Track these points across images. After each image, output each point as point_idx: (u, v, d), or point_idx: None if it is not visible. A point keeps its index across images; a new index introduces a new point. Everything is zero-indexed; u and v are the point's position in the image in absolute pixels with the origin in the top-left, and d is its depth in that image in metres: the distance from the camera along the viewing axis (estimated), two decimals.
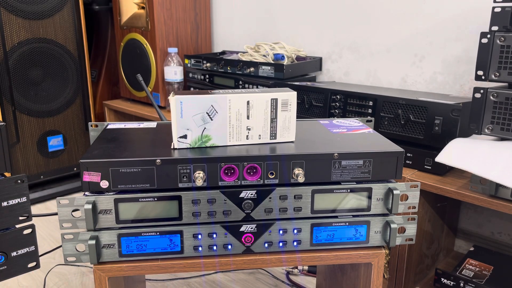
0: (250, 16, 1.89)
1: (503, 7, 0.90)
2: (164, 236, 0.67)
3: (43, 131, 1.79)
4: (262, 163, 0.66)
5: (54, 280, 1.25)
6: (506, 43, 0.90)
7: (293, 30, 1.73)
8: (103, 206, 0.64)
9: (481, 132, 0.95)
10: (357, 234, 0.71)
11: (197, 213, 0.66)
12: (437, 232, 1.19)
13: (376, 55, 1.48)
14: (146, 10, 1.79)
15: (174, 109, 0.66)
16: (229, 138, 0.70)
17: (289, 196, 0.68)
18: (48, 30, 1.73)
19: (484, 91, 0.93)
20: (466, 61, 1.27)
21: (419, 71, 1.38)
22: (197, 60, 1.75)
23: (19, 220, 0.71)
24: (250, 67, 1.54)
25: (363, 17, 1.50)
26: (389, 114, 1.13)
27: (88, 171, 0.63)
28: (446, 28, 1.30)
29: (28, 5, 1.65)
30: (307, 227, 0.69)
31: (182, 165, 0.65)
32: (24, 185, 0.70)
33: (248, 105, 0.69)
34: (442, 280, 1.08)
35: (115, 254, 0.66)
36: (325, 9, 1.60)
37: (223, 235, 0.68)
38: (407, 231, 0.72)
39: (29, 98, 1.72)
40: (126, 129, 0.81)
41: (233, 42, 1.98)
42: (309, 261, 0.71)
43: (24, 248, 0.73)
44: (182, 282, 1.24)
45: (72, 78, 1.84)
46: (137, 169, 0.64)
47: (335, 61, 1.61)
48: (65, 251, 0.65)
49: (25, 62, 1.68)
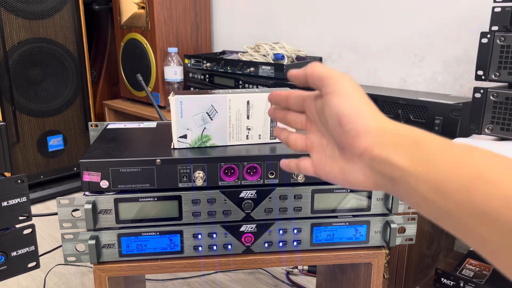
0: (250, 16, 1.89)
1: (503, 7, 0.90)
2: (164, 236, 0.67)
3: (43, 131, 1.79)
4: (262, 163, 0.66)
5: (54, 280, 1.25)
6: (506, 43, 0.90)
7: (293, 30, 1.73)
8: (103, 206, 0.64)
9: (481, 132, 0.95)
10: (357, 234, 0.71)
11: (197, 213, 0.66)
12: (437, 232, 1.19)
13: (376, 55, 1.48)
14: (146, 10, 1.79)
15: (174, 109, 0.66)
16: (229, 138, 0.70)
17: (289, 196, 0.68)
18: (48, 30, 1.73)
19: (484, 91, 0.93)
20: (466, 61, 1.27)
21: (419, 71, 1.38)
22: (197, 60, 1.75)
23: (19, 220, 0.71)
24: (250, 67, 1.54)
25: (363, 17, 1.50)
26: (389, 114, 1.13)
27: (88, 171, 0.63)
28: (446, 28, 1.30)
29: (28, 5, 1.65)
30: (307, 227, 0.69)
31: (182, 165, 0.65)
32: (24, 185, 0.70)
33: (248, 105, 0.69)
34: (442, 280, 1.08)
35: (115, 254, 0.66)
36: (325, 9, 1.60)
37: (223, 235, 0.68)
38: (407, 231, 0.72)
39: (29, 98, 1.72)
40: (126, 129, 0.81)
41: (233, 42, 1.98)
42: (309, 261, 0.71)
43: (24, 248, 0.73)
44: (182, 282, 1.24)
45: (72, 78, 1.84)
46: (137, 169, 0.64)
47: (335, 61, 1.61)
48: (65, 251, 0.65)
49: (25, 62, 1.68)
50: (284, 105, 0.50)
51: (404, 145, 0.36)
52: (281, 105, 0.51)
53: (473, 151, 0.34)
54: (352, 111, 0.40)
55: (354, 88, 0.41)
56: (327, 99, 0.42)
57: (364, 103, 0.41)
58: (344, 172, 0.42)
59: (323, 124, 0.45)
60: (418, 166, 0.35)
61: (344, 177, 0.42)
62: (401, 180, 0.36)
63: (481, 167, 0.32)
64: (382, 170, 0.38)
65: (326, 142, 0.45)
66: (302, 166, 0.48)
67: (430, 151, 0.35)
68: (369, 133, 0.39)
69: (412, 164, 0.35)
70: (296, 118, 0.49)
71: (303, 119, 0.48)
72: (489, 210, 0.30)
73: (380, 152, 0.38)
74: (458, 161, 0.33)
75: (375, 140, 0.38)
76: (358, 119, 0.39)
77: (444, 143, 0.36)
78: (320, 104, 0.44)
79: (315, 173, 0.47)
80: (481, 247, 0.32)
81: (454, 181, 0.32)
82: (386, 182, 0.38)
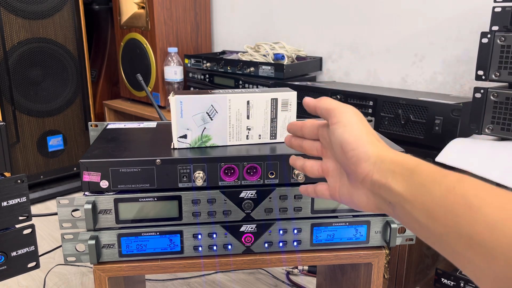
0: (250, 16, 1.89)
1: (503, 7, 0.90)
2: (164, 236, 0.67)
3: (43, 131, 1.79)
4: (262, 163, 0.66)
5: (54, 280, 1.25)
6: (507, 43, 0.89)
7: (293, 30, 1.73)
8: (103, 206, 0.64)
9: (482, 132, 0.95)
10: (357, 234, 0.71)
11: (197, 213, 0.66)
12: None
13: (376, 55, 1.48)
14: (146, 10, 1.79)
15: (174, 109, 0.66)
16: (229, 138, 0.70)
17: (289, 196, 0.68)
18: (48, 30, 1.72)
19: (484, 91, 0.93)
20: (466, 61, 1.27)
21: (419, 71, 1.38)
22: (197, 60, 1.75)
23: (19, 220, 0.71)
24: (250, 67, 1.54)
25: (363, 17, 1.50)
26: (389, 114, 1.12)
27: (88, 171, 0.63)
28: (446, 28, 1.30)
29: (28, 5, 1.65)
30: (307, 227, 0.69)
31: (182, 165, 0.64)
32: (24, 185, 0.70)
33: (248, 105, 0.69)
34: (442, 280, 1.08)
35: (115, 254, 0.66)
36: (325, 9, 1.60)
37: (223, 235, 0.68)
38: (407, 231, 0.72)
39: (29, 98, 1.72)
40: (126, 129, 0.81)
41: (233, 42, 1.98)
42: (309, 261, 0.70)
43: (24, 248, 0.73)
44: (182, 282, 1.24)
45: (72, 78, 1.84)
46: (137, 169, 0.64)
47: (335, 61, 1.61)
48: (65, 251, 0.65)
49: (25, 62, 1.68)
50: (300, 134, 0.54)
51: (401, 173, 0.40)
52: (297, 134, 0.55)
53: (463, 180, 0.36)
54: (353, 140, 0.44)
55: (356, 119, 0.46)
56: (332, 128, 0.46)
57: (365, 132, 0.45)
58: (351, 195, 0.46)
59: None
60: (413, 193, 0.38)
61: (351, 200, 0.47)
62: (398, 204, 0.39)
63: (469, 194, 0.34)
64: (381, 194, 0.41)
65: (340, 167, 0.49)
66: (319, 191, 0.52)
67: (424, 178, 0.38)
68: (369, 160, 0.42)
69: (407, 190, 0.38)
70: (311, 146, 0.53)
71: (318, 146, 0.52)
72: (474, 235, 0.32)
73: (379, 178, 0.41)
74: (448, 189, 0.35)
75: (375, 166, 0.42)
76: (359, 147, 0.43)
77: (437, 172, 0.38)
78: (328, 132, 0.49)
79: (331, 196, 0.51)
80: (470, 272, 0.34)
81: (444, 206, 0.35)
82: (386, 206, 0.42)
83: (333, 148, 0.47)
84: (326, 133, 0.50)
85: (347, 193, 0.47)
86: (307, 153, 0.54)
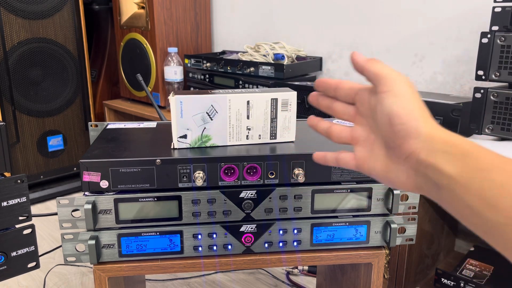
0: (250, 16, 1.89)
1: (503, 7, 0.90)
2: (164, 236, 0.67)
3: (43, 131, 1.79)
4: (262, 163, 0.66)
5: (54, 280, 1.25)
6: (507, 43, 0.89)
7: (293, 30, 1.73)
8: (103, 206, 0.64)
9: (482, 132, 0.95)
10: (357, 234, 0.71)
11: (197, 213, 0.66)
12: (437, 232, 1.19)
13: (376, 55, 1.48)
14: (146, 10, 1.79)
15: (174, 109, 0.66)
16: (229, 138, 0.70)
17: (289, 196, 0.68)
18: (48, 30, 1.72)
19: (484, 91, 0.93)
20: (466, 61, 1.27)
21: (419, 71, 1.38)
22: (197, 60, 1.75)
23: (19, 220, 0.71)
24: (250, 67, 1.54)
25: (363, 17, 1.50)
26: None
27: (88, 171, 0.63)
28: (446, 28, 1.30)
29: (28, 5, 1.65)
30: (307, 227, 0.69)
31: (182, 165, 0.64)
32: (24, 185, 0.70)
33: (248, 105, 0.69)
34: (442, 280, 1.07)
35: (115, 254, 0.66)
36: (325, 9, 1.60)
37: (223, 235, 0.68)
38: (407, 231, 0.72)
39: (29, 98, 1.72)
40: (126, 129, 0.81)
41: (233, 42, 1.98)
42: (309, 261, 0.70)
43: (24, 248, 0.73)
44: (182, 282, 1.24)
45: (72, 78, 1.84)
46: (137, 169, 0.64)
47: (335, 61, 1.61)
48: (65, 251, 0.65)
49: (25, 62, 1.68)
50: (332, 94, 0.49)
51: (454, 154, 0.37)
52: (328, 93, 0.50)
53: None
54: (404, 113, 0.40)
55: (409, 90, 0.42)
56: (381, 97, 0.42)
57: (418, 107, 0.41)
58: (388, 171, 0.43)
59: (374, 120, 0.45)
60: (468, 176, 0.35)
61: (386, 176, 0.43)
62: (447, 187, 0.37)
63: None
64: (428, 175, 0.38)
65: (374, 138, 0.45)
66: (342, 159, 0.48)
67: (482, 163, 0.35)
68: (419, 137, 0.39)
69: (460, 173, 0.36)
70: (344, 109, 0.48)
71: (351, 110, 0.48)
72: None
73: (427, 157, 0.38)
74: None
75: (424, 144, 0.39)
76: (409, 121, 0.40)
77: (496, 157, 0.36)
78: (374, 100, 0.44)
79: (356, 167, 0.47)
80: None
81: (507, 197, 0.33)
82: (430, 187, 0.39)
83: (377, 118, 0.43)
84: (368, 99, 0.45)
85: (381, 167, 0.43)
86: (337, 116, 0.49)
